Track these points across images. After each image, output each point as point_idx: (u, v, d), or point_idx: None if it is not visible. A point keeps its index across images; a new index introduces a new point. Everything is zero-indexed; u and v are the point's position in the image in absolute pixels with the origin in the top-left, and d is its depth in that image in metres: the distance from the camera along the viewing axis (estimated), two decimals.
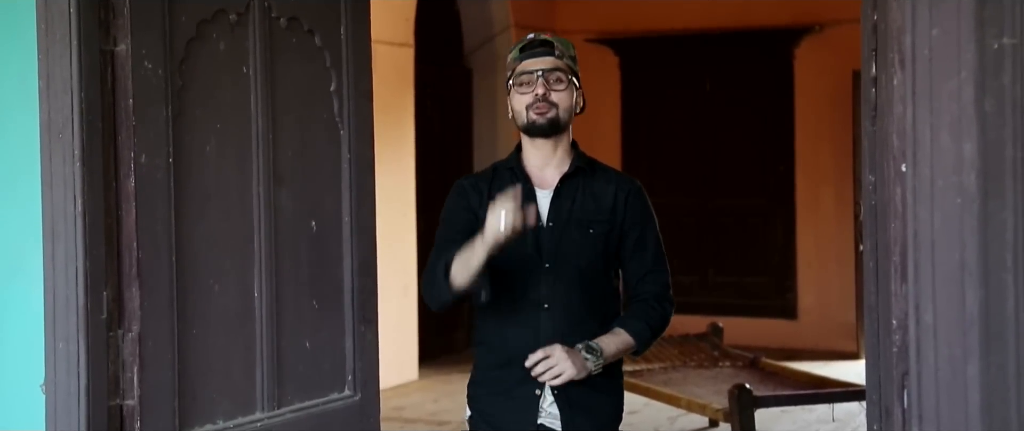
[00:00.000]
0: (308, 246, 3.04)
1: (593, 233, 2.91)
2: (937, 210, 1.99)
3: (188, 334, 2.74)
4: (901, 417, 2.09)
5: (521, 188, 2.73)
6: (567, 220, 2.91)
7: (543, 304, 2.88)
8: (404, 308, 7.67)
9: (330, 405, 3.08)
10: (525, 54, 2.92)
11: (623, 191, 2.96)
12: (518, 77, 2.90)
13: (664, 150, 9.54)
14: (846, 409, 6.37)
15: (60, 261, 2.59)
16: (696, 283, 9.28)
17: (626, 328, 2.91)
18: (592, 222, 2.91)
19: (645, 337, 2.93)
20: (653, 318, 2.95)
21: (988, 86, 1.94)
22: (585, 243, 2.90)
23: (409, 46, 7.92)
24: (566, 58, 2.92)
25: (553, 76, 2.88)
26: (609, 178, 2.99)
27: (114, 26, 2.61)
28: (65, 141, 2.56)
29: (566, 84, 2.90)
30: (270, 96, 2.92)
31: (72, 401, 2.57)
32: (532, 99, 2.87)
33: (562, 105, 2.89)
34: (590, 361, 2.81)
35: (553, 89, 2.88)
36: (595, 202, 2.93)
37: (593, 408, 2.91)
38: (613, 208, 2.93)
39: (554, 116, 2.88)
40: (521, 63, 2.92)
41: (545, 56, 2.90)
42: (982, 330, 1.95)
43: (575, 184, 2.94)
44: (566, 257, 2.88)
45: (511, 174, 2.94)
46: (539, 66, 2.89)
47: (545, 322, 2.87)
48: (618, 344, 2.88)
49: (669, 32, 9.39)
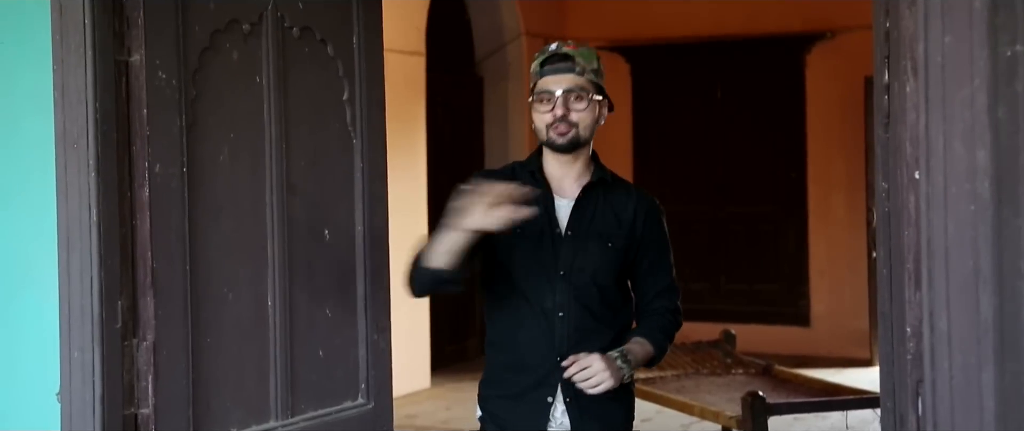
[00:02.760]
0: (321, 255, 3.04)
1: (611, 247, 2.91)
2: (951, 217, 1.98)
3: (202, 343, 2.75)
4: (916, 424, 2.08)
5: (534, 190, 2.72)
6: (587, 231, 2.90)
7: (558, 312, 2.87)
8: (416, 316, 7.68)
9: (343, 413, 3.08)
10: (546, 70, 2.87)
11: (643, 208, 2.96)
12: (538, 94, 2.88)
13: (676, 157, 9.54)
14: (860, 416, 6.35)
15: (75, 271, 2.60)
16: (708, 290, 9.27)
17: (648, 339, 2.92)
18: (612, 236, 2.91)
19: (663, 349, 2.97)
20: (669, 329, 3.00)
21: (1001, 93, 1.94)
22: (603, 256, 2.90)
23: (420, 55, 7.94)
24: (588, 73, 2.86)
25: (573, 95, 2.84)
26: (629, 193, 2.99)
27: (128, 37, 2.63)
28: (80, 151, 2.57)
29: (587, 102, 2.86)
30: (283, 105, 2.93)
31: (87, 410, 2.58)
32: (552, 119, 2.84)
33: (583, 123, 2.86)
34: (624, 370, 2.81)
35: (573, 108, 2.84)
36: (615, 216, 2.93)
37: (603, 416, 2.91)
38: (633, 223, 2.94)
39: (574, 136, 2.86)
40: (541, 79, 2.88)
41: (566, 73, 2.85)
42: (997, 337, 1.95)
43: (595, 196, 2.93)
44: (582, 267, 2.88)
45: (531, 177, 2.93)
46: (559, 85, 2.84)
47: (560, 329, 2.87)
48: (643, 353, 2.90)
49: (680, 39, 9.39)
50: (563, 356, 2.83)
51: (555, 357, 2.86)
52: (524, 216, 2.65)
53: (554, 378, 2.87)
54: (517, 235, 2.84)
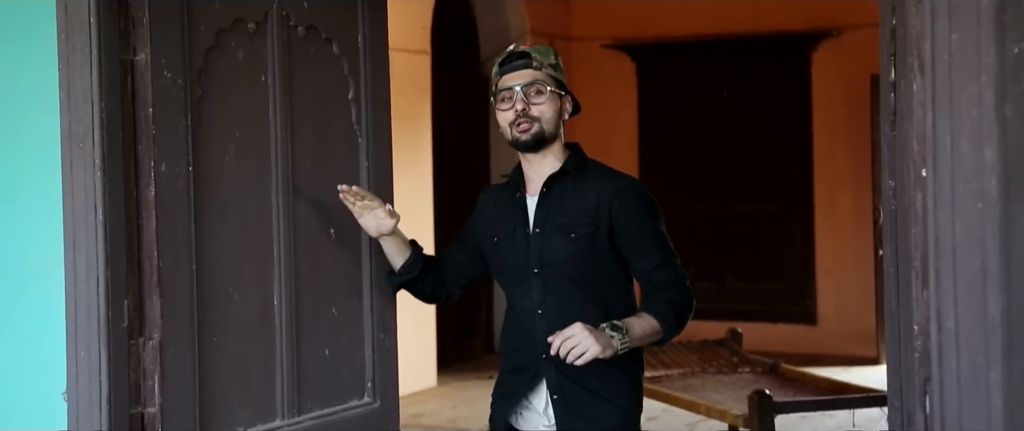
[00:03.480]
0: (327, 254, 3.04)
1: (575, 237, 2.85)
2: (958, 215, 1.98)
3: (208, 342, 2.75)
4: (924, 423, 2.08)
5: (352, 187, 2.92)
6: (552, 225, 2.88)
7: (536, 310, 2.88)
8: (422, 315, 7.68)
9: (350, 412, 3.08)
10: (504, 69, 2.92)
11: (608, 190, 2.86)
12: (499, 93, 2.91)
13: (681, 156, 9.53)
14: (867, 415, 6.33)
15: (81, 270, 2.60)
16: (714, 289, 9.25)
17: (649, 311, 2.76)
18: (575, 225, 2.86)
19: (670, 320, 2.76)
20: (675, 301, 2.79)
21: (1008, 91, 1.93)
22: (570, 248, 2.85)
23: (426, 54, 7.93)
24: (546, 67, 2.89)
25: (532, 89, 2.87)
26: (599, 177, 2.91)
27: (134, 36, 2.63)
28: (86, 150, 2.58)
29: (547, 95, 2.87)
30: (288, 104, 2.93)
31: (94, 409, 2.58)
32: (513, 116, 2.86)
33: (545, 116, 2.86)
34: (615, 339, 2.64)
35: (533, 103, 2.86)
36: (579, 204, 2.88)
37: (592, 416, 2.85)
38: (595, 209, 2.85)
39: (538, 131, 2.86)
40: (501, 79, 2.92)
41: (523, 69, 2.89)
42: (1004, 336, 1.94)
43: (562, 187, 2.91)
44: (552, 262, 2.86)
45: (513, 182, 3.00)
46: (517, 81, 2.88)
47: (540, 327, 2.86)
48: (643, 326, 2.72)
49: (686, 38, 9.38)
50: (546, 354, 2.79)
51: (539, 355, 2.86)
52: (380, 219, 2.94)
53: (540, 376, 2.88)
54: (496, 244, 2.95)
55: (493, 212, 3.02)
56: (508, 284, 2.97)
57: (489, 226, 3.01)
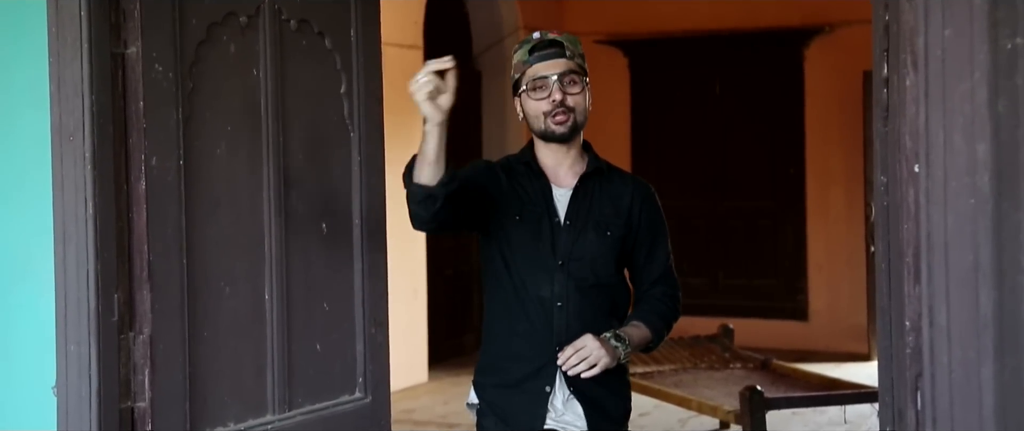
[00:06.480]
0: (318, 248, 3.04)
1: (610, 236, 2.90)
2: (950, 211, 1.98)
3: (199, 337, 2.74)
4: (915, 419, 2.08)
5: (454, 62, 2.78)
6: (586, 221, 2.90)
7: (556, 302, 2.86)
8: (414, 310, 7.67)
9: (340, 407, 3.08)
10: (536, 57, 2.86)
11: (639, 195, 2.96)
12: (532, 81, 2.86)
13: (674, 151, 9.53)
14: (858, 411, 6.35)
15: (71, 264, 2.59)
16: (706, 285, 9.27)
17: (644, 322, 2.90)
18: (610, 224, 2.91)
19: (661, 333, 2.94)
20: (667, 315, 2.96)
21: (1001, 87, 1.93)
22: (602, 244, 2.89)
23: (418, 48, 7.92)
24: (577, 58, 2.88)
25: (568, 79, 2.85)
26: (625, 181, 2.99)
27: (125, 29, 2.62)
28: (76, 144, 2.57)
29: (581, 86, 2.86)
30: (280, 98, 2.92)
31: (83, 404, 2.58)
32: (550, 106, 2.83)
33: (579, 107, 2.86)
34: (620, 349, 2.79)
35: (569, 93, 2.84)
36: (612, 205, 2.92)
37: (609, 410, 2.92)
38: (630, 211, 2.93)
39: (573, 122, 2.85)
40: (533, 66, 2.86)
41: (557, 58, 2.85)
42: (996, 332, 1.94)
43: (592, 185, 2.93)
44: (581, 257, 2.88)
45: (527, 169, 2.92)
46: (552, 70, 2.84)
47: (558, 319, 2.86)
48: (640, 336, 2.88)
49: (679, 33, 9.38)
50: (561, 346, 2.81)
51: (553, 347, 2.85)
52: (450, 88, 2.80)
53: (553, 368, 2.86)
54: (516, 224, 2.86)
55: (508, 187, 2.90)
56: (521, 271, 2.87)
57: (507, 199, 2.88)
